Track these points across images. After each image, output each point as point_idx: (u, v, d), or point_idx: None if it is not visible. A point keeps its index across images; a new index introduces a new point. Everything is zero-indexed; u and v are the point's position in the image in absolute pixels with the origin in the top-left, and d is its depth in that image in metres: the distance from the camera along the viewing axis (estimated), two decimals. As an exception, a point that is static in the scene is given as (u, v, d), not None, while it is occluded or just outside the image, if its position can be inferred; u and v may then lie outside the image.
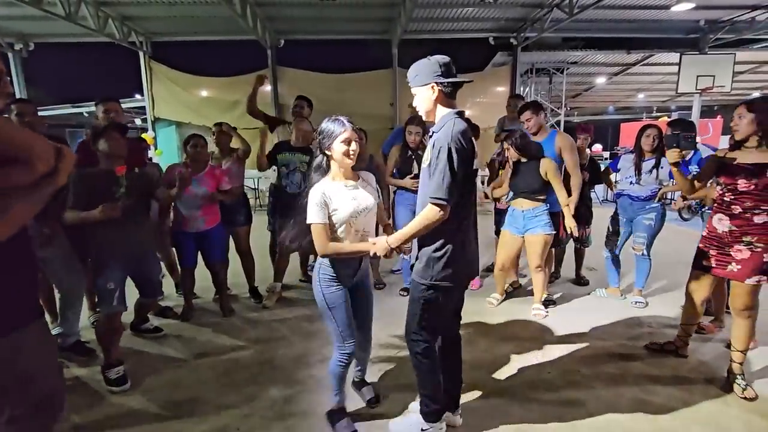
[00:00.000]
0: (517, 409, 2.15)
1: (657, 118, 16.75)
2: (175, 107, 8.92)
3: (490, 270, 4.29)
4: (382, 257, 1.78)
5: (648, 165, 3.29)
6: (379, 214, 2.02)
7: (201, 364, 2.68)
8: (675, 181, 2.58)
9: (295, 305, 3.64)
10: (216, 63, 9.68)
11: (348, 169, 1.87)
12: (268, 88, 8.47)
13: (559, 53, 10.53)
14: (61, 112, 11.75)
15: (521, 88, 10.70)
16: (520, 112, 3.49)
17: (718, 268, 2.34)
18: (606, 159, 14.39)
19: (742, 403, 2.18)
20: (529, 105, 3.53)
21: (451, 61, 1.71)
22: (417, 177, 3.45)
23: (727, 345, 2.50)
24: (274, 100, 8.62)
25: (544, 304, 3.38)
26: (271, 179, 3.85)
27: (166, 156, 8.52)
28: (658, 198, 3.32)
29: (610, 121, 22.18)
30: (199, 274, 3.40)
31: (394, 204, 3.76)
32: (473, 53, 10.18)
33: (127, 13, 7.55)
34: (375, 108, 8.72)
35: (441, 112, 1.74)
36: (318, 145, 1.85)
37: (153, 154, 8.48)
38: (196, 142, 3.15)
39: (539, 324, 3.19)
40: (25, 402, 1.27)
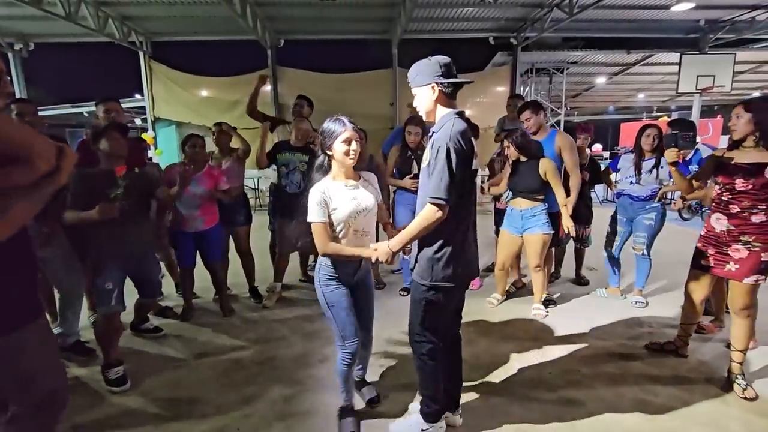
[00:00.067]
0: (517, 408, 2.15)
1: (657, 117, 16.72)
2: (175, 107, 8.92)
3: (490, 270, 4.29)
4: (384, 262, 1.78)
5: (648, 165, 3.30)
6: (380, 213, 2.02)
7: (201, 364, 2.68)
8: (673, 180, 2.58)
9: (295, 305, 3.65)
10: (216, 63, 9.68)
11: (349, 169, 1.87)
12: (268, 88, 8.47)
13: (559, 53, 10.53)
14: (61, 112, 11.75)
15: (521, 88, 10.69)
16: (520, 112, 3.48)
17: (717, 267, 2.34)
18: (606, 159, 14.38)
19: (742, 403, 2.18)
20: (528, 104, 3.52)
21: (451, 61, 1.71)
22: (416, 177, 3.46)
23: (727, 345, 2.50)
24: (274, 100, 8.62)
25: (544, 304, 3.38)
26: (271, 179, 3.85)
27: (166, 156, 8.52)
28: (658, 198, 3.32)
29: (610, 120, 22.16)
30: (198, 274, 3.40)
31: (394, 204, 3.77)
32: (473, 53, 10.18)
33: (127, 13, 7.55)
34: (375, 108, 8.73)
35: (441, 112, 1.74)
36: (320, 145, 1.87)
37: (153, 153, 8.48)
38: (194, 143, 3.16)
39: (539, 324, 3.19)
40: (26, 401, 1.27)
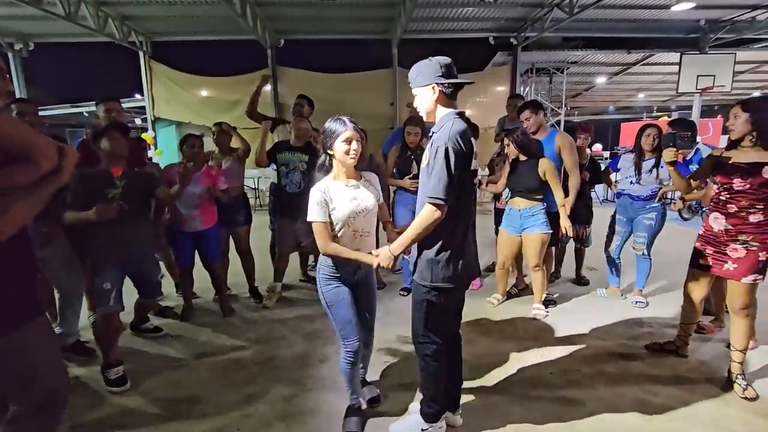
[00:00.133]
0: (518, 408, 2.15)
1: (657, 117, 16.70)
2: (175, 107, 8.93)
3: (490, 270, 4.28)
4: (385, 266, 1.77)
5: (648, 164, 3.30)
6: (380, 212, 2.02)
7: (201, 364, 2.68)
8: (672, 180, 2.58)
9: (295, 305, 3.65)
10: (216, 63, 9.68)
11: (350, 169, 1.88)
12: (268, 87, 8.47)
13: (560, 53, 10.53)
14: (61, 111, 11.76)
15: (521, 88, 10.68)
16: (520, 111, 3.48)
17: (715, 267, 2.34)
18: (606, 159, 14.37)
19: (742, 403, 2.18)
20: (528, 104, 3.52)
21: (452, 62, 1.72)
22: (416, 177, 3.46)
23: (727, 345, 2.50)
24: (274, 100, 8.62)
25: (544, 304, 3.38)
26: (271, 179, 3.85)
27: (166, 156, 8.51)
28: (658, 197, 3.32)
29: (611, 120, 22.15)
30: (199, 274, 3.40)
31: (394, 204, 3.77)
32: (473, 53, 10.19)
33: (127, 13, 7.55)
34: (375, 108, 8.73)
35: (441, 113, 1.74)
36: (321, 145, 1.88)
37: (153, 153, 8.48)
38: (192, 143, 3.16)
39: (540, 324, 3.19)
40: (26, 401, 1.27)
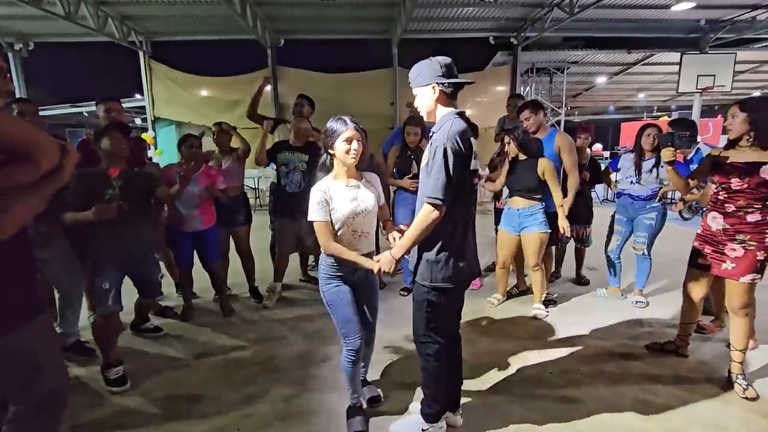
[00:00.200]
0: (518, 408, 2.15)
1: (657, 117, 16.71)
2: (175, 107, 8.92)
3: (490, 270, 4.28)
4: (387, 271, 1.77)
5: (648, 164, 3.29)
6: (381, 212, 2.02)
7: (201, 364, 2.67)
8: (670, 179, 2.59)
9: (296, 305, 3.64)
10: (216, 63, 9.68)
11: (351, 169, 1.88)
12: (269, 88, 8.46)
13: (560, 53, 10.53)
14: (61, 111, 11.77)
15: (521, 88, 10.68)
16: (519, 111, 3.48)
17: (714, 266, 2.35)
18: (606, 158, 14.37)
19: (743, 402, 2.18)
20: (528, 104, 3.52)
21: (452, 62, 1.72)
22: (415, 177, 3.47)
23: (728, 344, 2.49)
24: (274, 100, 8.61)
25: (544, 304, 3.37)
26: (271, 178, 3.85)
27: (166, 156, 8.51)
28: (659, 197, 3.32)
29: (611, 120, 22.15)
30: (199, 274, 3.40)
31: (394, 204, 3.77)
32: (473, 53, 10.18)
33: (127, 13, 7.54)
34: (375, 108, 8.72)
35: (441, 112, 1.75)
36: (323, 144, 1.89)
37: (153, 153, 8.48)
38: (191, 143, 3.17)
39: (540, 323, 3.19)
40: (26, 401, 1.27)
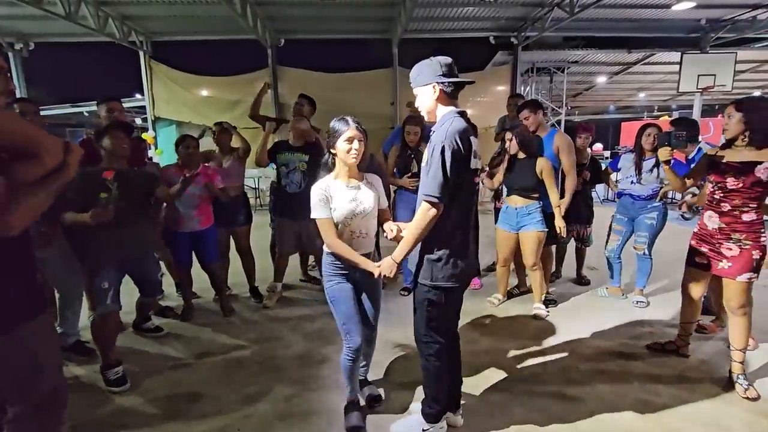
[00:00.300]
0: (519, 408, 2.14)
1: (658, 117, 16.70)
2: (176, 107, 8.92)
3: (491, 269, 4.28)
4: (388, 275, 1.76)
5: (648, 164, 3.29)
6: (381, 215, 2.02)
7: (201, 363, 2.67)
8: (666, 178, 2.59)
9: (296, 305, 3.64)
10: (216, 62, 9.66)
11: (353, 169, 1.89)
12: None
13: (560, 52, 10.52)
14: (61, 111, 11.78)
15: (522, 88, 10.68)
16: (519, 111, 3.48)
17: (711, 265, 2.36)
18: (607, 158, 14.37)
19: (744, 403, 2.18)
20: (527, 103, 3.52)
21: (453, 62, 1.72)
22: (414, 176, 3.48)
23: (728, 344, 2.49)
24: (275, 100, 8.61)
25: (545, 304, 3.37)
26: (271, 178, 3.86)
27: (166, 155, 8.51)
28: (659, 197, 3.31)
29: (611, 120, 22.17)
30: (199, 274, 3.40)
31: (395, 204, 3.77)
32: (474, 52, 10.18)
33: (127, 13, 7.54)
34: (375, 107, 8.71)
35: (442, 112, 1.75)
36: (325, 144, 1.92)
37: (153, 153, 8.48)
38: (188, 144, 3.18)
39: (540, 323, 3.18)
40: (26, 400, 1.27)
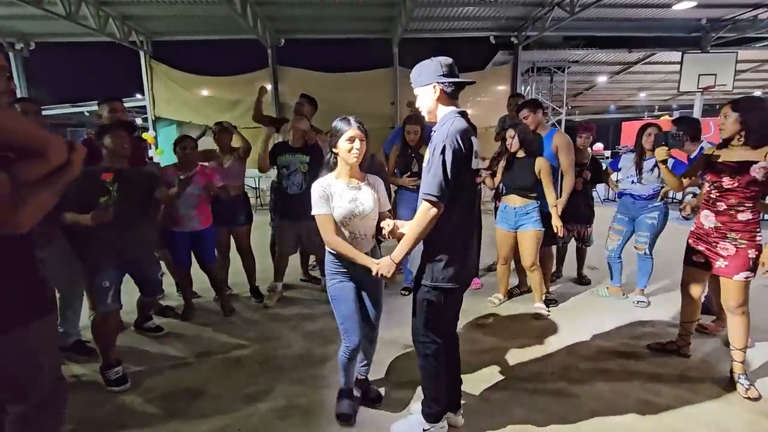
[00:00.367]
0: (519, 408, 2.14)
1: (658, 116, 16.68)
2: (176, 106, 8.92)
3: (491, 269, 4.27)
4: (385, 275, 1.76)
5: (649, 164, 3.28)
6: (382, 215, 2.01)
7: (202, 363, 2.67)
8: (664, 178, 2.60)
9: (296, 305, 3.64)
10: (216, 62, 9.67)
11: (354, 169, 1.89)
12: (269, 86, 8.47)
13: (560, 52, 10.52)
14: (62, 111, 11.79)
15: (522, 87, 10.68)
16: (518, 110, 3.48)
17: (708, 264, 2.36)
18: (607, 158, 14.37)
19: (745, 402, 2.17)
20: (526, 103, 3.51)
21: (453, 62, 1.72)
22: (414, 175, 3.48)
23: (728, 344, 2.49)
24: (275, 100, 8.61)
25: (546, 303, 3.37)
26: (272, 178, 3.86)
27: (166, 155, 8.49)
28: (660, 197, 3.31)
29: (612, 119, 22.17)
30: (200, 274, 3.40)
31: (396, 203, 3.76)
32: (474, 52, 10.19)
33: (128, 13, 7.54)
34: (376, 107, 8.71)
35: (443, 112, 1.75)
36: (328, 144, 1.92)
37: (153, 153, 8.48)
38: (185, 144, 3.18)
39: (541, 323, 3.18)
40: (27, 400, 1.27)
